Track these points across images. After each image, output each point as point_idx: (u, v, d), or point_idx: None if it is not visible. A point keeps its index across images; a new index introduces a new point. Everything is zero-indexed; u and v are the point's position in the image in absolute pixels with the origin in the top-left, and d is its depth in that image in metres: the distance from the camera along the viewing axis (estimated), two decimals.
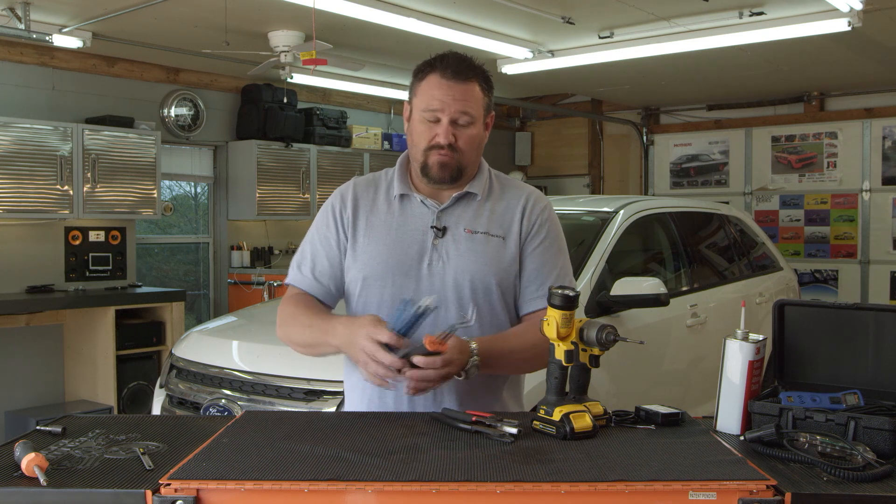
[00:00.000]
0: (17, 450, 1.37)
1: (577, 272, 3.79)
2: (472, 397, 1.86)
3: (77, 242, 6.02)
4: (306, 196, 7.32)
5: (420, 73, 1.89)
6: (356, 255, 1.92)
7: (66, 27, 5.39)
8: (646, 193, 9.36)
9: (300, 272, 1.98)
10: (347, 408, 2.01)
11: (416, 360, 1.64)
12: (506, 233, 1.92)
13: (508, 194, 1.97)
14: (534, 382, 2.26)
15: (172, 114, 6.73)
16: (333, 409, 2.92)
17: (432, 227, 1.90)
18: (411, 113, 1.91)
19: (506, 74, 6.75)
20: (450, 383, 1.80)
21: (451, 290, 1.86)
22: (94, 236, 6.11)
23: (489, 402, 1.91)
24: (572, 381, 1.67)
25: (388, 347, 1.64)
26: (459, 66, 1.85)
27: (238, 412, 2.69)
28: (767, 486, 1.28)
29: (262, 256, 7.31)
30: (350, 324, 1.75)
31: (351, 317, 1.82)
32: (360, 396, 1.94)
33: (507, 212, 1.94)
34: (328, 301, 1.98)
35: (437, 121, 1.84)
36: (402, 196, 1.94)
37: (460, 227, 1.90)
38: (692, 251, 4.76)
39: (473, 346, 1.73)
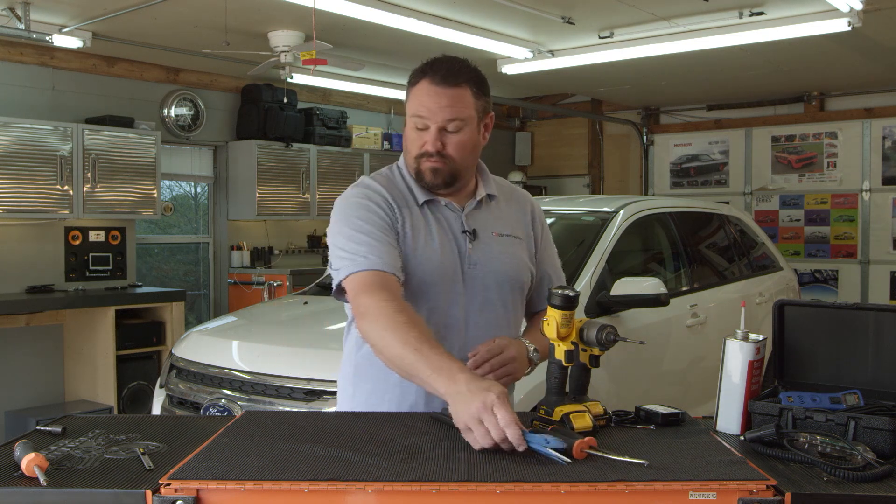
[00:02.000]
0: (17, 450, 1.36)
1: (577, 272, 3.79)
2: None
3: (77, 242, 6.02)
4: (306, 196, 7.32)
5: (412, 79, 1.88)
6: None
7: (66, 27, 5.39)
8: (646, 193, 9.36)
9: (368, 259, 1.75)
10: (340, 406, 2.00)
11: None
12: (523, 234, 2.01)
13: (513, 198, 2.06)
14: (534, 382, 2.26)
15: (172, 114, 6.73)
16: (333, 409, 2.92)
17: (464, 231, 1.91)
18: (406, 119, 1.92)
19: (506, 74, 6.75)
20: None
21: (493, 291, 1.91)
22: (94, 236, 6.11)
23: None
24: (572, 381, 1.67)
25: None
26: (449, 72, 1.83)
27: (238, 412, 2.69)
28: (767, 486, 1.28)
29: (262, 256, 7.31)
30: (474, 381, 1.50)
31: (475, 374, 1.57)
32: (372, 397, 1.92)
33: (518, 214, 2.03)
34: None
35: (426, 128, 1.84)
36: (427, 201, 1.92)
37: (487, 230, 1.94)
38: (692, 251, 4.76)
39: (525, 340, 1.90)
